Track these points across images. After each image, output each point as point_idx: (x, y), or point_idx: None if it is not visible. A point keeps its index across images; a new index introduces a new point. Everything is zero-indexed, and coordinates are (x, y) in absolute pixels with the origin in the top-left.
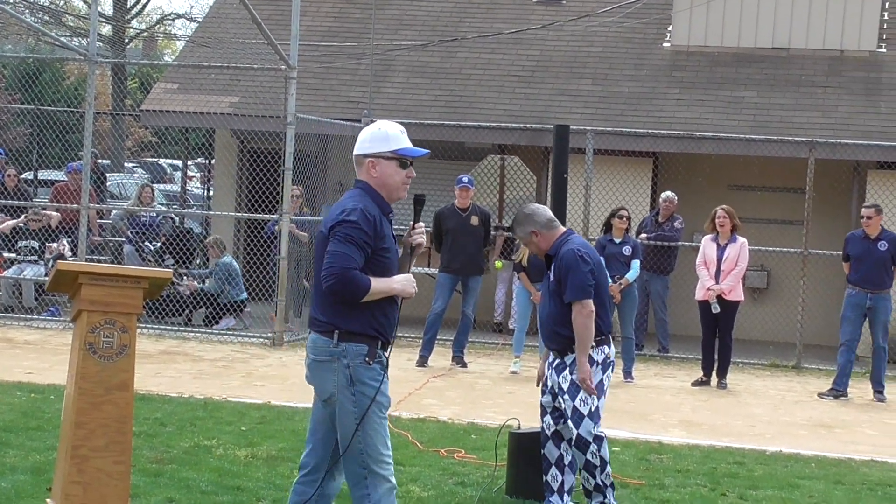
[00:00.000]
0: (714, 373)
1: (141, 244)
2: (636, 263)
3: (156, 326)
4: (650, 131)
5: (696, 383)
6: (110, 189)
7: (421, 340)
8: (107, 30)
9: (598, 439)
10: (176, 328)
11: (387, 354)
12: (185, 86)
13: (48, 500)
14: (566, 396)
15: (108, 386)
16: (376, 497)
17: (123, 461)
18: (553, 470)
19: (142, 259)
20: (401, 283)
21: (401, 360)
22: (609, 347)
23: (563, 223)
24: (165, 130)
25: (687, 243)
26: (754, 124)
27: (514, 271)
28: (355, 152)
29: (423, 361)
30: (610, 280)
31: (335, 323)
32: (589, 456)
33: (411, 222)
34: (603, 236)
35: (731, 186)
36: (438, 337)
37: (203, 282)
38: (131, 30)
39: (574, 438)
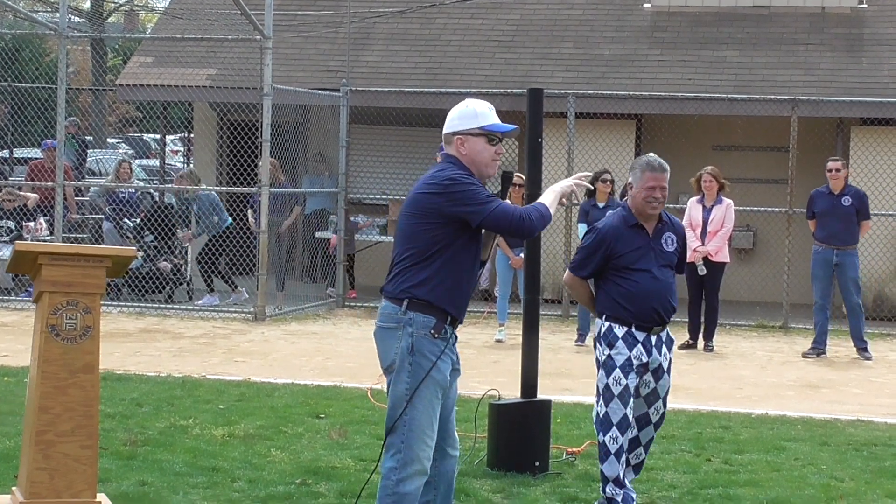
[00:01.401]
0: (701, 335)
1: (120, 221)
2: None
3: (136, 304)
4: (632, 93)
5: (683, 346)
6: (89, 165)
7: None
8: (87, 5)
9: None
10: (157, 305)
11: (455, 332)
12: (160, 59)
13: (14, 488)
14: (666, 376)
15: (72, 369)
16: (403, 474)
17: (91, 445)
18: (625, 457)
19: (121, 236)
20: (557, 187)
21: None
22: None
23: (540, 189)
24: (149, 105)
25: (671, 205)
26: (737, 83)
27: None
28: (444, 131)
29: None
30: None
31: (407, 291)
32: (656, 433)
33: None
34: (586, 201)
35: (715, 147)
36: None
37: (189, 226)
38: (111, 4)
39: (660, 416)
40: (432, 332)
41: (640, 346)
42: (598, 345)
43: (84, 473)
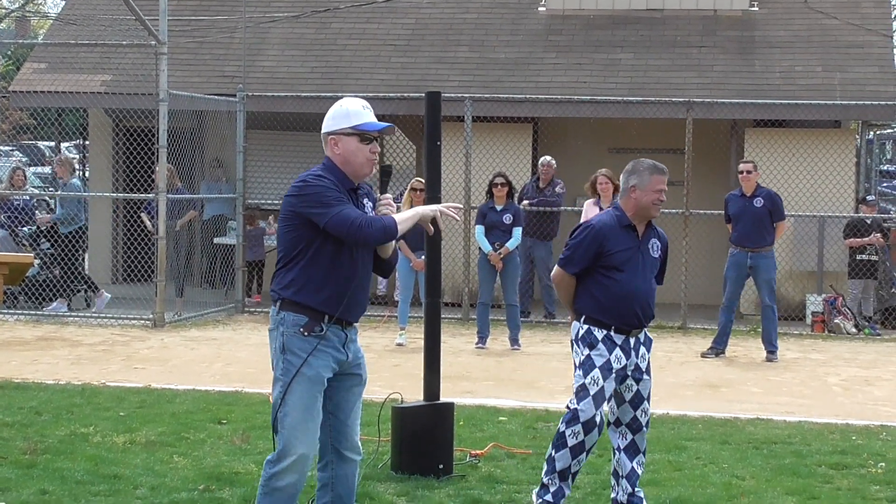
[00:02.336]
0: None
1: (15, 229)
2: (517, 231)
3: (33, 312)
4: (528, 97)
5: None
6: None
7: None
8: None
9: None
10: (54, 313)
11: (343, 331)
12: (54, 65)
13: None
14: (646, 377)
15: None
16: (276, 469)
17: None
18: (583, 456)
19: (16, 244)
20: (421, 210)
21: None
22: None
23: (439, 192)
24: (42, 112)
25: (569, 208)
26: (632, 86)
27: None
28: (322, 132)
29: None
30: (490, 248)
31: (278, 293)
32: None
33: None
34: (485, 203)
35: (612, 149)
36: None
37: (54, 211)
38: (2, 10)
39: (647, 419)
40: (302, 329)
41: (618, 349)
42: (576, 346)
43: None
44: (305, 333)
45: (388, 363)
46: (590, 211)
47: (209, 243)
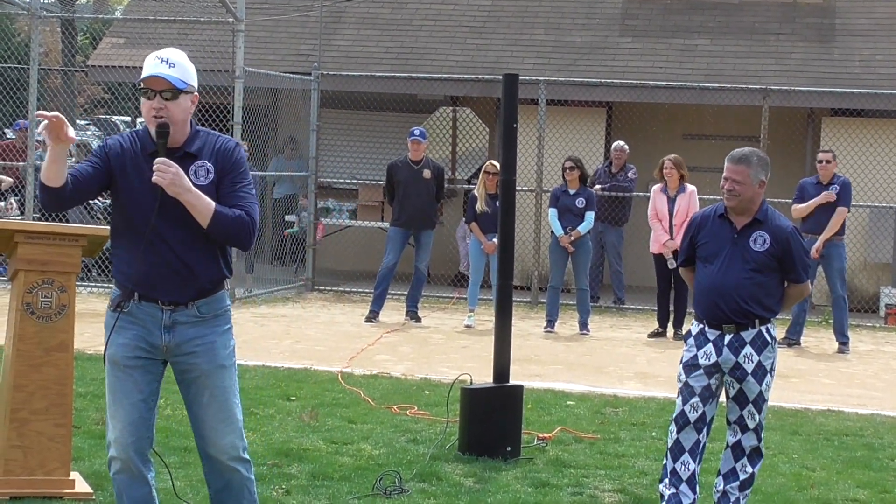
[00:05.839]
0: (670, 324)
1: (90, 201)
2: (590, 215)
3: (106, 285)
4: (603, 81)
5: (653, 335)
6: None
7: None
8: None
9: None
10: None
11: (131, 304)
12: (132, 40)
13: None
14: (751, 379)
15: (47, 347)
16: (109, 456)
17: (65, 424)
18: (686, 457)
19: (90, 216)
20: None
21: (354, 315)
22: None
23: (514, 175)
24: (118, 87)
25: (641, 194)
26: (708, 72)
27: (465, 222)
28: None
29: (373, 316)
30: (562, 231)
31: None
32: (761, 443)
33: None
34: (558, 187)
35: (686, 135)
36: (393, 292)
37: None
38: None
39: (757, 424)
40: (111, 304)
41: (710, 344)
42: None
43: (58, 451)
44: (111, 308)
45: (456, 344)
46: (655, 197)
47: (281, 221)
